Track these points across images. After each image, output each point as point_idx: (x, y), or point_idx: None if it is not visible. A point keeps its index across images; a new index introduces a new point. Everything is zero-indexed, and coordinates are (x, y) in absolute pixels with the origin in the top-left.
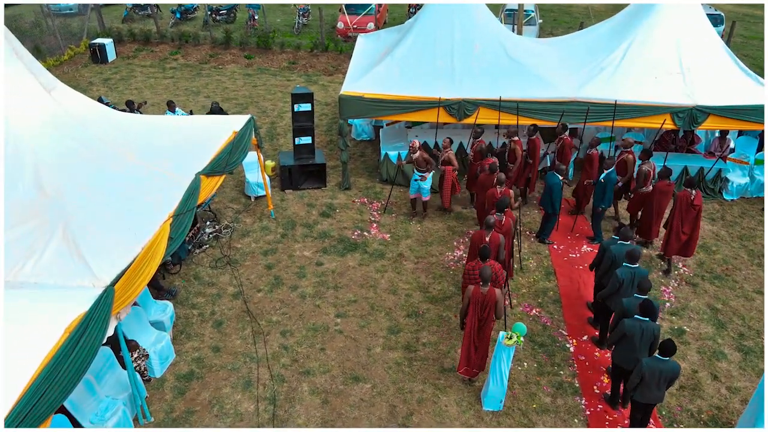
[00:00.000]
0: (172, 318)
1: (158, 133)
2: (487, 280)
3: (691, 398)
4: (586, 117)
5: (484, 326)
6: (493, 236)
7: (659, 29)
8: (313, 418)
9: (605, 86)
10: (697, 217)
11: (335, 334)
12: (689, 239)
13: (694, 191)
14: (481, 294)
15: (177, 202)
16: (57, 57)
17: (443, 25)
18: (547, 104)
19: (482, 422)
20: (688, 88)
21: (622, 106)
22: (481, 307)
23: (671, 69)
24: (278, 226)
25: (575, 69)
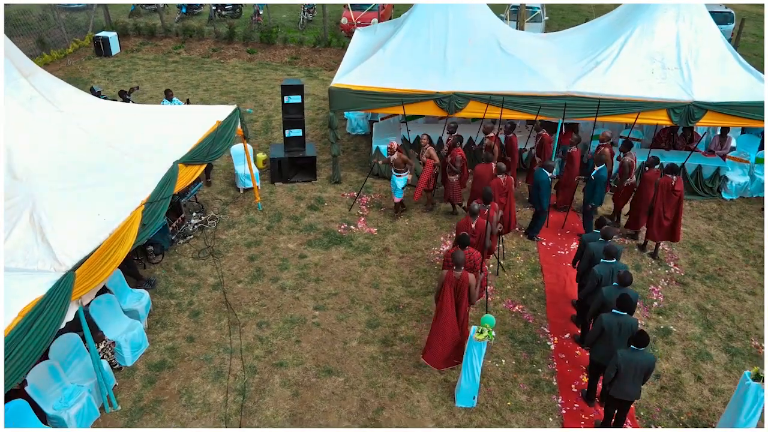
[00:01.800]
0: (147, 307)
1: (139, 121)
2: (459, 264)
3: (672, 399)
4: (564, 112)
5: (460, 309)
6: (479, 222)
7: (658, 24)
8: (281, 410)
9: (599, 81)
10: (679, 202)
11: (312, 326)
12: (672, 224)
13: (675, 177)
14: (453, 278)
15: (151, 190)
16: (61, 50)
17: (437, 18)
18: (528, 98)
19: (454, 419)
20: (686, 83)
21: (617, 101)
22: (455, 290)
23: (669, 64)
24: (264, 218)
25: (570, 63)
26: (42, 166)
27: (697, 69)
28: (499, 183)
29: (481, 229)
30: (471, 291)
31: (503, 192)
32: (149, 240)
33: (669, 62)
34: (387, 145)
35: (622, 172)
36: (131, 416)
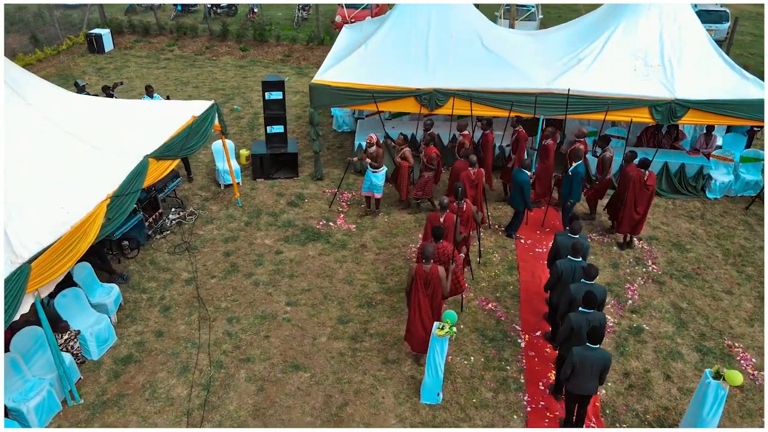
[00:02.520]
0: (117, 301)
1: (113, 115)
2: (428, 258)
3: (639, 398)
4: (534, 109)
5: (433, 304)
6: (447, 216)
7: (641, 21)
8: (244, 405)
9: (581, 78)
10: (650, 197)
11: (283, 322)
12: (641, 219)
13: (647, 172)
14: (423, 271)
15: (119, 183)
16: (55, 47)
17: (420, 15)
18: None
19: (417, 415)
20: (669, 81)
21: (598, 98)
22: (425, 284)
23: (651, 61)
24: (243, 214)
25: (553, 61)
26: (6, 157)
27: (681, 67)
28: (468, 175)
29: (450, 223)
30: (442, 284)
31: (473, 184)
32: (124, 235)
33: (652, 60)
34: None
35: (601, 168)
36: (93, 410)
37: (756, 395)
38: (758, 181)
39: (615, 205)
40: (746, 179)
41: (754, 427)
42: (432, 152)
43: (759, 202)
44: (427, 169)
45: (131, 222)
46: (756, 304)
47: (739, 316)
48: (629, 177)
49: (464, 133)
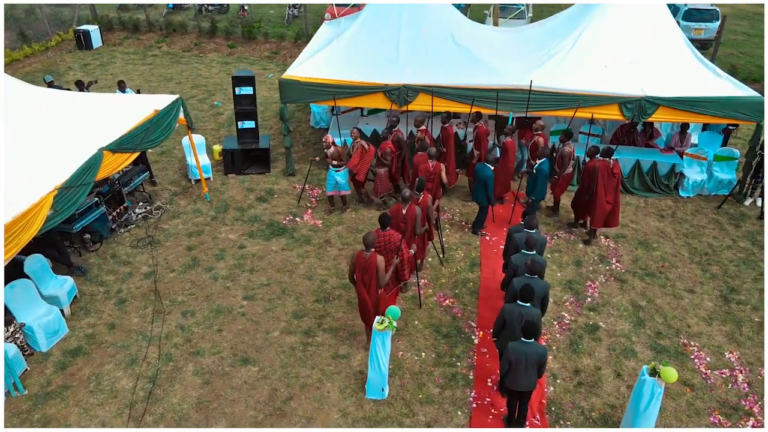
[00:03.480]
0: (71, 294)
1: (72, 108)
2: (368, 245)
3: (587, 395)
4: (496, 105)
5: (370, 291)
6: (410, 209)
7: (614, 19)
8: (188, 398)
9: (551, 74)
10: (617, 186)
11: (237, 316)
12: (613, 208)
13: (611, 160)
14: (363, 259)
15: (69, 175)
16: (43, 43)
17: (392, 11)
18: (461, 90)
19: (361, 410)
20: (639, 78)
21: (568, 95)
22: (363, 271)
23: (623, 59)
24: (211, 209)
25: (525, 57)
26: None
27: (652, 64)
28: (426, 168)
29: (412, 216)
30: (379, 273)
31: (430, 177)
32: (87, 228)
33: (623, 57)
34: (323, 139)
35: (561, 162)
36: (36, 401)
37: (706, 395)
38: (731, 179)
39: (580, 201)
40: (720, 178)
41: (701, 426)
42: (387, 147)
43: (731, 201)
44: (381, 164)
45: (92, 215)
46: (716, 303)
47: (698, 315)
48: (596, 169)
49: (421, 128)
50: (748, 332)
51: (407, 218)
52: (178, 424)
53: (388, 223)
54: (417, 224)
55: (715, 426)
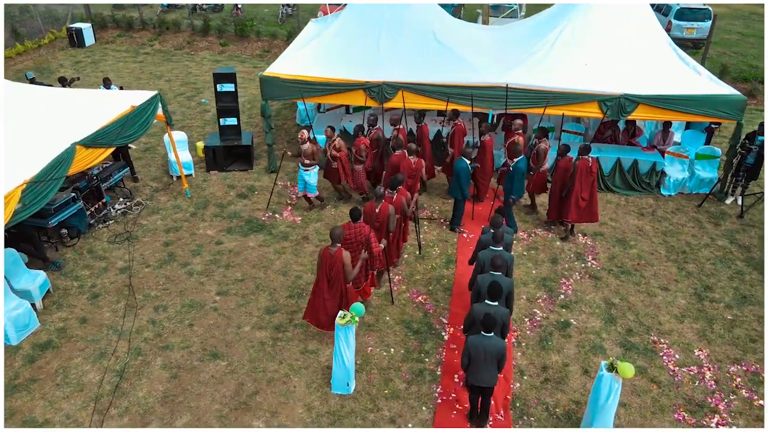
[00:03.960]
0: (43, 288)
1: (47, 103)
2: (334, 240)
3: (553, 391)
4: (472, 102)
5: (334, 286)
6: (383, 207)
7: (596, 17)
8: (154, 391)
9: (531, 72)
10: (593, 183)
11: (209, 311)
12: (589, 205)
13: (590, 158)
14: (329, 254)
15: (39, 170)
16: (36, 40)
17: (374, 8)
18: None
19: (326, 404)
20: (619, 76)
21: (547, 92)
22: (329, 266)
23: (604, 57)
24: (191, 205)
25: (506, 54)
26: None
27: (633, 63)
28: (409, 164)
29: (385, 213)
30: (345, 269)
31: (412, 173)
32: (64, 223)
33: (604, 55)
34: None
35: (536, 159)
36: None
37: (671, 391)
38: (713, 178)
39: (554, 198)
40: (701, 176)
41: (664, 424)
42: (361, 143)
43: (712, 200)
44: (357, 161)
45: (69, 210)
46: (690, 301)
47: (670, 313)
48: (574, 165)
49: (398, 127)
50: (719, 330)
51: (380, 216)
52: (142, 418)
53: (359, 216)
54: (390, 222)
55: (679, 423)
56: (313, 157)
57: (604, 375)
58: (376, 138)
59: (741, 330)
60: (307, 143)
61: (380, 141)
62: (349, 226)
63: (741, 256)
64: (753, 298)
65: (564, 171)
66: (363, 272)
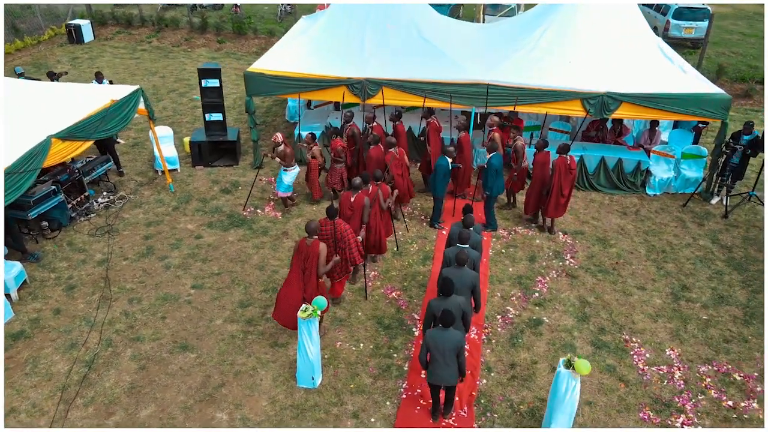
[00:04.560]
0: (18, 279)
1: (28, 97)
2: (310, 233)
3: (519, 389)
4: (450, 99)
5: (309, 278)
6: (357, 198)
7: (582, 15)
8: (121, 382)
9: (514, 70)
10: (573, 180)
11: (183, 304)
12: (566, 201)
13: (569, 156)
14: (305, 245)
15: (12, 161)
16: (36, 37)
17: (359, 5)
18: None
19: (291, 397)
20: (603, 74)
21: (529, 89)
22: (304, 258)
23: (588, 55)
24: (173, 199)
25: (491, 52)
26: None
27: (618, 61)
28: (392, 156)
29: (360, 203)
30: (320, 261)
31: (398, 164)
32: (45, 216)
33: (589, 54)
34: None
35: (515, 157)
36: None
37: (639, 390)
38: (699, 178)
39: (534, 194)
40: (687, 176)
41: (629, 423)
42: (337, 145)
43: (698, 200)
44: (336, 161)
45: (49, 203)
46: (665, 301)
47: (645, 312)
48: (553, 164)
49: (372, 125)
50: (693, 330)
51: (354, 206)
52: (107, 408)
53: (334, 214)
54: (364, 213)
55: (644, 422)
56: (285, 159)
57: (561, 372)
58: (351, 135)
59: (715, 330)
60: (282, 146)
61: (356, 137)
62: (325, 222)
63: (722, 257)
64: (730, 299)
65: (542, 165)
66: (343, 267)
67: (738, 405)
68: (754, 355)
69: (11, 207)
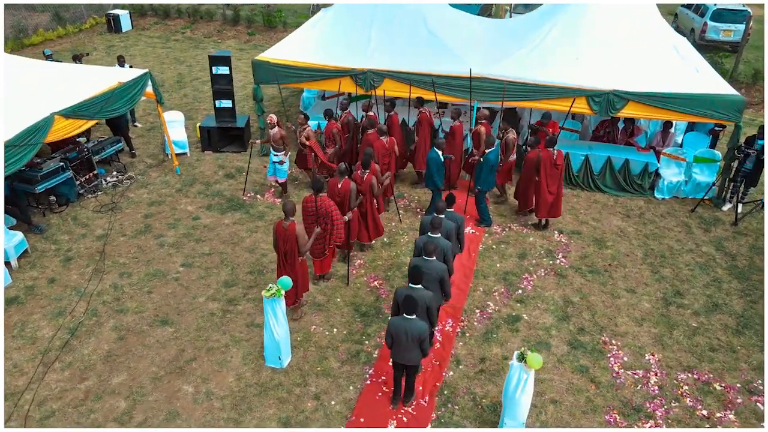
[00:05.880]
0: (19, 248)
1: (41, 76)
2: (287, 214)
3: (484, 383)
4: (434, 89)
5: (291, 259)
6: (345, 182)
7: (592, 13)
8: (99, 350)
9: (519, 65)
10: (561, 176)
11: (170, 280)
12: (556, 199)
13: (555, 150)
14: (282, 228)
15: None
16: (78, 25)
17: None
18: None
19: (257, 376)
20: (611, 72)
21: (533, 86)
22: (283, 240)
23: (596, 53)
24: (179, 182)
25: (498, 47)
26: None
27: (627, 60)
28: (382, 144)
29: (346, 189)
30: (299, 242)
31: (387, 153)
32: (53, 191)
33: (598, 51)
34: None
35: (504, 150)
36: None
37: (609, 393)
38: (710, 183)
39: (523, 190)
40: (698, 181)
41: (593, 424)
42: (332, 128)
43: (709, 205)
44: (330, 145)
45: (57, 179)
46: (654, 305)
47: (630, 315)
48: (538, 158)
49: (369, 113)
50: (678, 336)
51: (341, 191)
52: (82, 373)
53: (320, 189)
54: (351, 198)
55: (608, 425)
56: (282, 142)
57: (513, 365)
58: (347, 122)
59: (702, 338)
60: (276, 128)
61: (350, 125)
62: (311, 198)
63: (724, 264)
64: (725, 307)
65: (531, 162)
66: (323, 245)
67: (713, 415)
68: (740, 365)
69: (21, 180)
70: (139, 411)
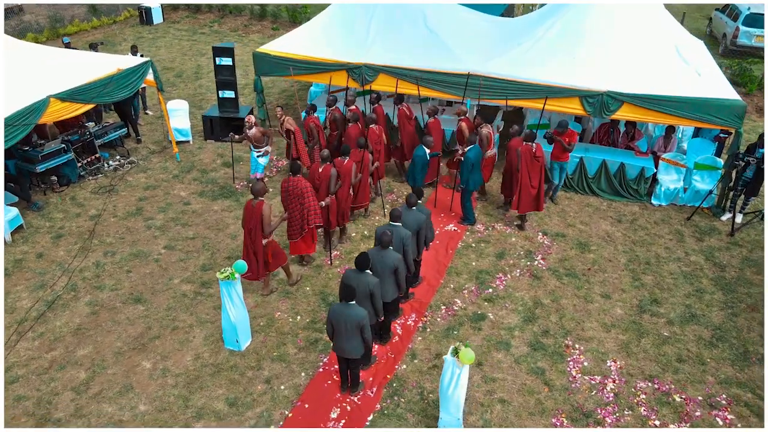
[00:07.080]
0: (13, 223)
1: (40, 60)
2: (255, 194)
3: (435, 378)
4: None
5: (255, 238)
6: (325, 168)
7: (594, 14)
8: (70, 323)
9: (512, 63)
10: (541, 169)
11: (151, 261)
12: (537, 193)
13: (534, 144)
14: (250, 206)
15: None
16: (112, 17)
17: None
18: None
19: (215, 357)
20: (606, 72)
21: (527, 84)
22: (249, 218)
23: (593, 52)
24: (177, 168)
25: (495, 45)
26: None
27: (625, 61)
28: (373, 132)
29: (327, 174)
30: (264, 221)
31: (378, 140)
32: (55, 171)
33: (595, 52)
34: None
35: (481, 145)
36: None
37: (561, 396)
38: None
39: (508, 183)
40: (698, 188)
41: (537, 426)
42: (310, 122)
43: (707, 214)
44: (310, 140)
45: (57, 159)
46: (627, 312)
47: (599, 320)
48: (518, 153)
49: (352, 108)
50: (646, 345)
51: (321, 177)
52: (50, 344)
53: (297, 170)
54: (330, 184)
55: (555, 427)
56: (263, 140)
57: (446, 359)
58: (334, 119)
59: (672, 348)
60: (254, 128)
61: (338, 121)
62: (288, 179)
63: (710, 275)
64: (702, 318)
65: (513, 150)
66: (298, 228)
67: (666, 426)
68: (707, 378)
69: (22, 160)
70: (97, 383)
